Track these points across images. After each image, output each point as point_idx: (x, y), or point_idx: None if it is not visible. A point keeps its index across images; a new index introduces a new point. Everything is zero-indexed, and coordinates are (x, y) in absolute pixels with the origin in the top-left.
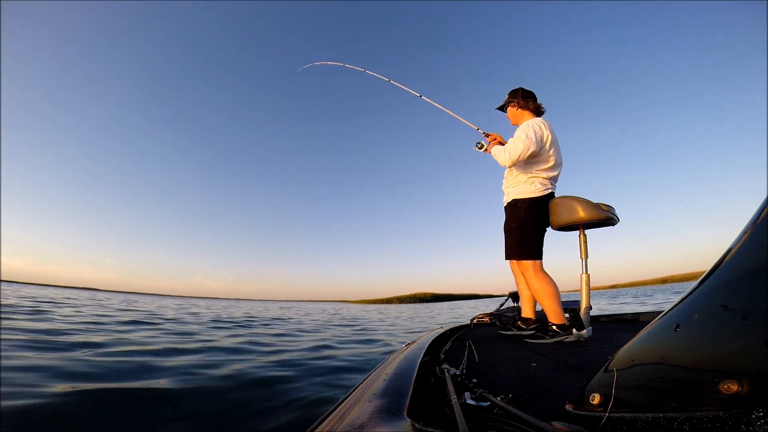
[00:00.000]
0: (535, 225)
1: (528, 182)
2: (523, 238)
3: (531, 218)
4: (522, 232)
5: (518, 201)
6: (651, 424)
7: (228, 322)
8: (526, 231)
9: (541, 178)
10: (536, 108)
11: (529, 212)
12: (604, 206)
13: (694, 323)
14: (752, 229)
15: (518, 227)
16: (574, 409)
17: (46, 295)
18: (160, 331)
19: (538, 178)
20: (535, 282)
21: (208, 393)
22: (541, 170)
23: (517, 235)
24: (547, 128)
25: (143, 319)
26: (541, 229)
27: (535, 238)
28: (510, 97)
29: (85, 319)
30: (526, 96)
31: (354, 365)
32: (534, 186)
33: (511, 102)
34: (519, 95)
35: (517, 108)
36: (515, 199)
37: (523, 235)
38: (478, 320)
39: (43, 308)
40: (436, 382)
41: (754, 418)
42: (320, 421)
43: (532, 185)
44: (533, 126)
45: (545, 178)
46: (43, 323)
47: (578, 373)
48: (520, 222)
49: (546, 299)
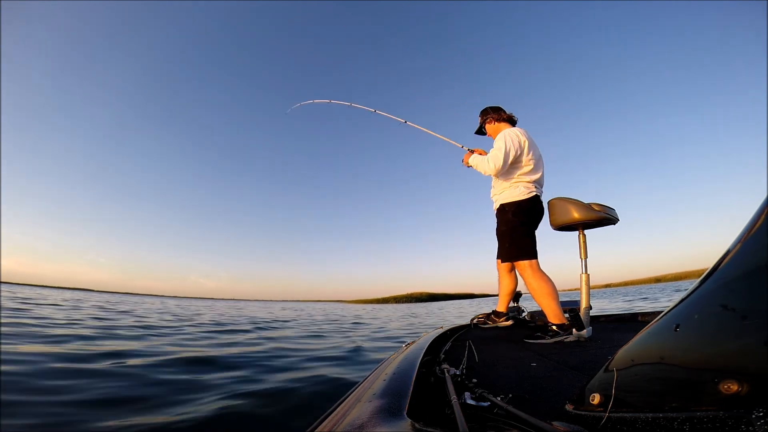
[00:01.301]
0: (523, 226)
1: (513, 187)
2: (514, 240)
3: (519, 221)
4: (512, 234)
5: (505, 206)
6: (651, 424)
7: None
8: (516, 233)
9: (524, 182)
10: (509, 118)
11: (516, 215)
12: (596, 206)
13: (694, 323)
14: (752, 230)
15: (508, 230)
16: (574, 409)
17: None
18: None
19: (522, 183)
20: (534, 282)
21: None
22: (522, 175)
23: (509, 237)
24: (524, 135)
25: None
26: (530, 230)
27: (526, 239)
28: (483, 116)
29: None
30: (496, 110)
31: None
32: (519, 190)
33: (487, 119)
34: (490, 111)
35: (494, 122)
36: (503, 204)
37: (513, 237)
38: (478, 320)
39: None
40: (436, 382)
41: (754, 418)
42: (320, 421)
43: (516, 190)
44: (509, 135)
45: (528, 182)
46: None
47: (578, 373)
48: (510, 225)
49: (544, 299)
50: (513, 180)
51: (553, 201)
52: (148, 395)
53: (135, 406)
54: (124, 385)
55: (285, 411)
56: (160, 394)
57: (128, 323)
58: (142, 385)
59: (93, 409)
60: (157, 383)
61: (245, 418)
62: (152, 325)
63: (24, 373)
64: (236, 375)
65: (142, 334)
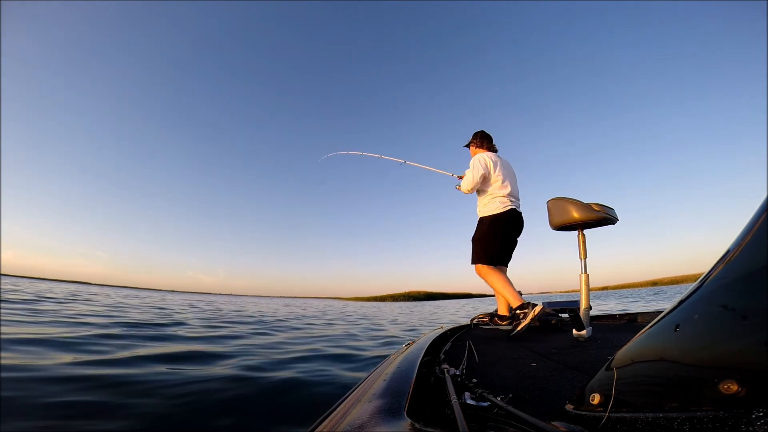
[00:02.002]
0: (494, 236)
1: (490, 203)
2: (483, 246)
3: (491, 231)
4: (482, 242)
5: (483, 218)
6: (651, 424)
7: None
8: (485, 241)
9: (499, 197)
10: (489, 147)
11: (490, 226)
12: (596, 206)
13: (694, 323)
14: (753, 230)
15: (480, 238)
16: (574, 409)
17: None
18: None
19: (498, 198)
20: (489, 278)
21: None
22: (495, 189)
23: (480, 244)
24: (490, 157)
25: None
26: (500, 240)
27: (494, 248)
28: (472, 138)
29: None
30: (483, 138)
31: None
32: (495, 205)
33: (472, 142)
34: (478, 137)
35: (475, 147)
36: (481, 217)
37: (483, 244)
38: (479, 320)
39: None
40: (436, 382)
41: (754, 418)
42: (320, 421)
43: (493, 204)
44: (477, 158)
45: (503, 196)
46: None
47: (578, 373)
48: (482, 234)
49: (502, 288)
50: (489, 195)
51: (552, 201)
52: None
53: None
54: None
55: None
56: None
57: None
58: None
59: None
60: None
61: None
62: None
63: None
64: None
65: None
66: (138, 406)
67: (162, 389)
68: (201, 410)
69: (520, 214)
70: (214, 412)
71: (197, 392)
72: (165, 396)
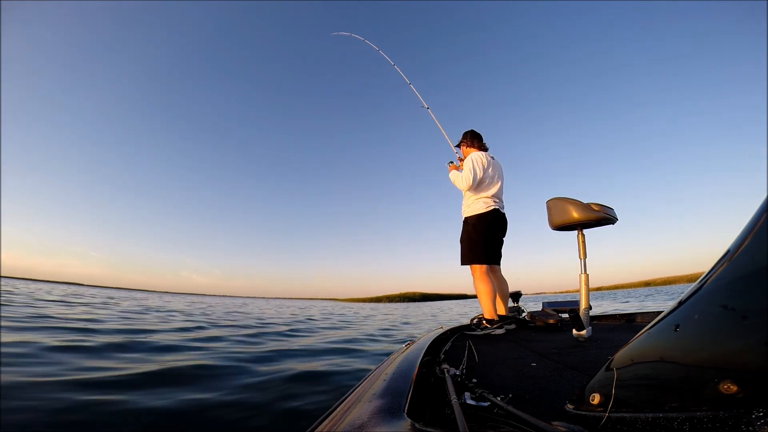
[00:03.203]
0: (480, 236)
1: (474, 203)
2: (471, 247)
3: (477, 231)
4: (470, 242)
5: (468, 218)
6: (651, 424)
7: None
8: (473, 241)
9: (483, 197)
10: (480, 146)
11: (475, 226)
12: (595, 206)
13: (694, 323)
14: (753, 230)
15: (467, 239)
16: (574, 409)
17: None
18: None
19: (482, 198)
20: (479, 284)
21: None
22: (481, 191)
23: (467, 244)
24: (485, 157)
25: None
26: (486, 240)
27: (481, 247)
28: (463, 138)
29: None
30: (473, 137)
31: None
32: (478, 205)
33: (463, 141)
34: (468, 137)
35: (466, 146)
36: (466, 218)
37: (470, 244)
38: (473, 324)
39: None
40: (436, 382)
41: (754, 418)
42: (320, 421)
43: (477, 204)
44: (474, 157)
45: (487, 197)
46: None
47: (578, 373)
48: (468, 234)
49: (483, 297)
50: (473, 196)
51: (551, 201)
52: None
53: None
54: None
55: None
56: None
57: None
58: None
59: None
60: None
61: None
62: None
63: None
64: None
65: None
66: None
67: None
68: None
69: (504, 215)
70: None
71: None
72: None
